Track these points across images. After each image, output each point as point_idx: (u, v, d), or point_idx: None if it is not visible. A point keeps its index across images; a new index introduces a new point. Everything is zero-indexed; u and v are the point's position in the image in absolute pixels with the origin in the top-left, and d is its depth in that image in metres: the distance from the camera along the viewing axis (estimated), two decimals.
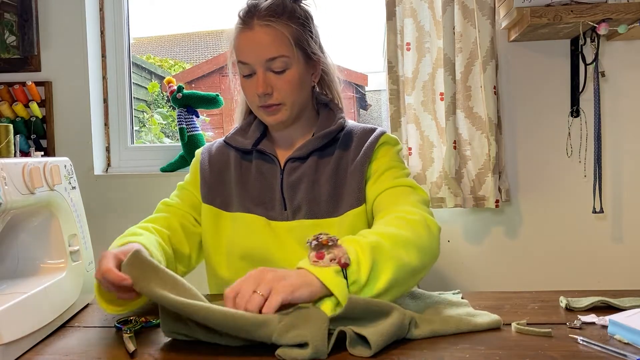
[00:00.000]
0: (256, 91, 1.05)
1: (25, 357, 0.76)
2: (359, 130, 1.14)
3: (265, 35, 1.03)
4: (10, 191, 0.79)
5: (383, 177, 1.07)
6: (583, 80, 1.78)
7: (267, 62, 1.04)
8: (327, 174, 1.09)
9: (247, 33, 1.05)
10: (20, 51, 1.91)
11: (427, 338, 0.78)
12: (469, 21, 1.70)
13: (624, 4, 1.56)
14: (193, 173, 1.18)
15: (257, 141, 1.14)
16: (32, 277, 0.91)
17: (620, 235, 1.82)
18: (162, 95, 2.27)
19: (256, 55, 1.04)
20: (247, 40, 1.05)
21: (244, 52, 1.05)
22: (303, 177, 1.09)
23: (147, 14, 2.12)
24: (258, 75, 1.05)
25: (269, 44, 1.03)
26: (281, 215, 1.09)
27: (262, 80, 1.04)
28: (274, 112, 1.07)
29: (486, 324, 0.81)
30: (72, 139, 1.94)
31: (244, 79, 1.08)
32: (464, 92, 1.72)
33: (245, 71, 1.07)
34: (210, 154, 1.19)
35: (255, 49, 1.04)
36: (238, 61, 1.07)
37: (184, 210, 1.14)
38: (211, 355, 0.74)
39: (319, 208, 1.07)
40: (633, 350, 0.72)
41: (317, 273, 0.76)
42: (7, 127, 1.02)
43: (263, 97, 1.05)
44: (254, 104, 1.08)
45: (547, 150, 1.83)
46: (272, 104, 1.06)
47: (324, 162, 1.11)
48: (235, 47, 1.08)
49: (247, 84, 1.08)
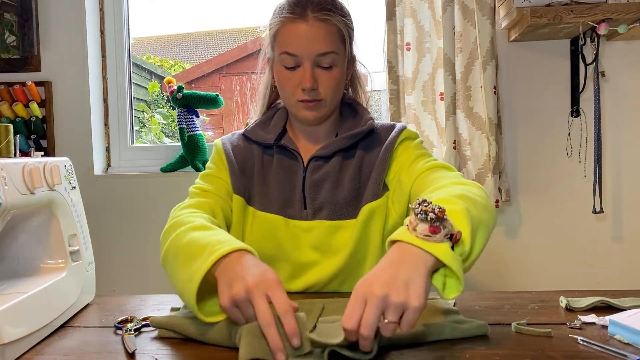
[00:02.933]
0: (302, 85, 1.02)
1: (25, 357, 0.76)
2: (380, 127, 1.12)
3: (320, 29, 1.01)
4: (10, 191, 0.79)
5: (415, 163, 1.04)
6: (583, 80, 1.78)
7: (317, 56, 1.01)
8: (350, 175, 1.07)
9: (300, 24, 1.01)
10: (20, 51, 1.91)
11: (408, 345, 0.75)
12: (469, 21, 1.70)
13: (624, 4, 1.56)
14: (219, 162, 1.12)
15: (279, 136, 1.11)
16: (32, 277, 0.91)
17: (620, 235, 1.82)
18: (162, 95, 2.27)
19: (307, 48, 1.01)
20: (299, 32, 1.01)
21: (294, 44, 1.01)
22: (327, 177, 1.07)
23: (147, 14, 2.12)
24: (305, 69, 1.02)
25: (322, 39, 1.01)
26: (300, 214, 1.06)
27: (310, 75, 1.01)
28: (313, 107, 1.05)
29: (471, 330, 0.78)
30: (72, 139, 1.94)
31: (286, 70, 1.03)
32: (464, 92, 1.72)
33: (289, 63, 1.02)
34: (232, 144, 1.14)
35: (308, 42, 1.01)
36: (283, 52, 1.02)
37: (220, 196, 1.07)
38: (211, 355, 0.74)
39: (341, 210, 1.06)
40: (633, 350, 0.72)
41: (435, 252, 0.67)
42: (7, 127, 1.02)
43: (308, 91, 1.03)
44: (293, 97, 1.05)
45: (547, 150, 1.83)
46: (314, 99, 1.04)
47: (347, 162, 1.09)
48: (282, 37, 1.03)
49: (289, 76, 1.03)
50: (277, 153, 1.11)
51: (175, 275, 0.85)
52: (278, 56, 1.04)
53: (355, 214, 1.05)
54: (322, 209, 1.06)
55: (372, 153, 1.09)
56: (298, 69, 1.02)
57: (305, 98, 1.03)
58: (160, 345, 0.79)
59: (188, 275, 0.78)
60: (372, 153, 1.09)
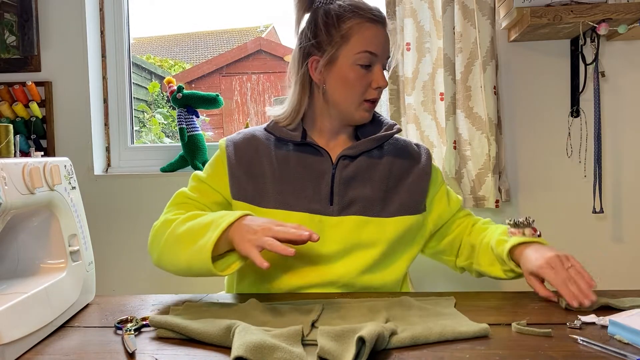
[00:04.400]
0: (379, 83, 1.09)
1: (25, 357, 0.76)
2: (404, 141, 1.23)
3: (388, 36, 1.13)
4: (10, 191, 0.79)
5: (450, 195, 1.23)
6: (583, 80, 1.78)
7: (387, 59, 1.13)
8: (380, 176, 1.13)
9: (379, 28, 1.10)
10: (20, 51, 1.92)
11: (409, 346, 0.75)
12: (469, 21, 1.70)
13: (624, 4, 1.56)
14: (218, 167, 1.14)
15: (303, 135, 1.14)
16: (32, 277, 0.91)
17: (620, 235, 1.82)
18: (162, 95, 2.27)
19: (384, 49, 1.11)
20: (380, 34, 1.10)
21: (376, 44, 1.09)
22: (356, 174, 1.12)
23: (147, 14, 2.12)
24: (378, 69, 1.10)
25: (388, 42, 1.13)
26: (325, 210, 1.08)
27: (383, 74, 1.10)
28: (372, 108, 1.13)
29: (472, 332, 0.78)
30: (72, 139, 1.94)
31: (361, 69, 1.08)
32: (464, 92, 1.72)
33: (367, 62, 1.08)
34: (236, 145, 1.15)
35: (385, 44, 1.11)
36: (365, 51, 1.08)
37: (203, 204, 1.12)
38: (211, 355, 0.74)
39: (371, 206, 1.09)
40: (633, 350, 0.72)
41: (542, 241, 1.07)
42: (7, 127, 1.02)
43: (379, 91, 1.11)
44: (362, 96, 1.10)
45: (547, 150, 1.83)
46: (377, 99, 1.12)
47: (373, 163, 1.14)
48: (362, 36, 1.08)
49: (363, 74, 1.09)
50: (297, 151, 1.13)
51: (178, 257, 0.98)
52: (354, 55, 1.08)
53: (382, 213, 1.10)
54: (351, 205, 1.09)
55: (401, 161, 1.17)
56: (372, 69, 1.10)
57: (374, 97, 1.11)
58: (160, 345, 0.79)
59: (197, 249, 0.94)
60: (402, 161, 1.17)
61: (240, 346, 0.68)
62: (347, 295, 1.01)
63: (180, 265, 0.99)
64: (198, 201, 1.12)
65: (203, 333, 0.78)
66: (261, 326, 0.79)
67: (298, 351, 0.69)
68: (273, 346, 0.69)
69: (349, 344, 0.70)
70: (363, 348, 0.69)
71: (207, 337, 0.78)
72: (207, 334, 0.78)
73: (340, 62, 1.08)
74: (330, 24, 1.08)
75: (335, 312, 0.88)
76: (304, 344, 0.73)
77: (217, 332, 0.77)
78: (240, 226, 0.93)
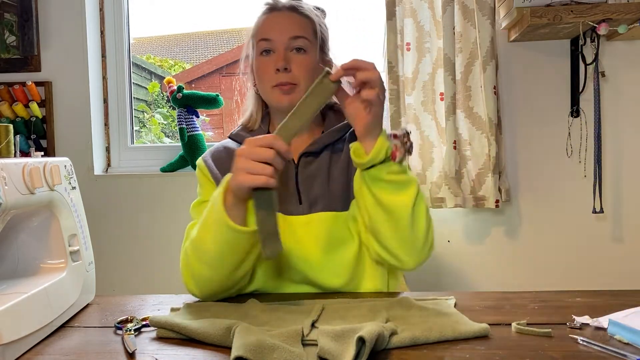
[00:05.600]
0: (276, 65, 1.07)
1: (25, 357, 0.76)
2: None
3: (291, 17, 1.11)
4: (10, 191, 0.79)
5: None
6: (583, 80, 1.78)
7: (290, 40, 1.09)
8: (340, 169, 1.11)
9: (273, 13, 1.11)
10: (20, 51, 1.92)
11: (409, 346, 0.75)
12: (469, 21, 1.70)
13: (624, 4, 1.56)
14: (206, 183, 1.14)
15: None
16: (32, 277, 0.91)
17: (620, 235, 1.82)
18: (162, 95, 2.27)
19: (280, 31, 1.09)
20: (273, 19, 1.11)
21: (268, 29, 1.10)
22: (319, 171, 1.11)
23: (147, 14, 2.12)
24: (279, 51, 1.08)
25: (293, 24, 1.10)
26: (297, 209, 1.08)
27: (282, 55, 1.08)
28: (288, 91, 1.09)
29: (472, 332, 0.78)
30: (72, 139, 1.94)
31: (261, 56, 1.10)
32: (464, 92, 1.72)
33: (265, 47, 1.09)
34: (213, 157, 1.16)
35: (281, 26, 1.10)
36: (260, 39, 1.09)
37: None
38: (211, 355, 0.74)
39: (335, 201, 1.09)
40: (633, 350, 0.72)
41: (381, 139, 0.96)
42: (7, 127, 1.02)
43: (282, 73, 1.08)
44: (270, 83, 1.09)
45: (547, 150, 1.83)
46: (287, 82, 1.08)
47: (336, 157, 1.13)
48: (259, 27, 1.11)
49: (265, 61, 1.09)
50: None
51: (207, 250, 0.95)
52: (256, 46, 1.10)
53: (347, 207, 1.08)
54: (317, 201, 1.08)
55: None
56: (272, 54, 1.09)
57: (280, 81, 1.08)
58: (160, 345, 0.79)
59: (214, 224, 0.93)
60: None
61: (240, 346, 0.68)
62: (347, 295, 1.01)
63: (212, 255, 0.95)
64: None
65: (203, 333, 0.78)
66: (261, 326, 0.79)
67: (298, 351, 0.69)
68: (273, 346, 0.69)
69: (349, 344, 0.70)
70: (363, 348, 0.69)
71: (207, 337, 0.78)
72: (207, 334, 0.78)
73: (253, 58, 1.12)
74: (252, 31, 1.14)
75: (335, 312, 0.88)
76: (304, 344, 0.73)
77: (217, 332, 0.77)
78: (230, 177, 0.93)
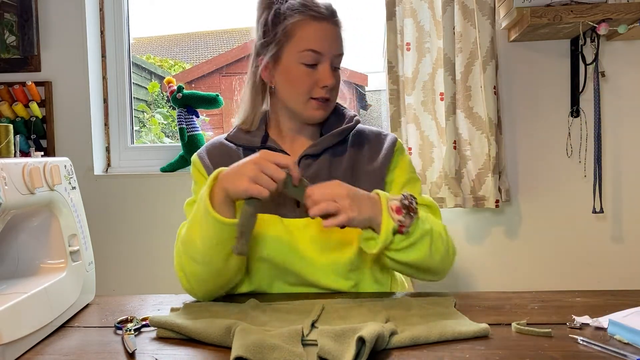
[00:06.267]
0: (324, 82, 1.05)
1: (25, 357, 0.76)
2: (369, 132, 1.17)
3: (336, 31, 1.08)
4: (10, 191, 0.79)
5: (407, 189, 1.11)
6: (583, 80, 1.78)
7: (335, 57, 1.07)
8: (342, 172, 1.09)
9: (323, 24, 1.06)
10: (20, 51, 1.92)
11: (409, 346, 0.75)
12: (469, 21, 1.70)
13: (624, 4, 1.56)
14: (200, 180, 1.12)
15: (263, 139, 1.12)
16: (32, 277, 0.91)
17: (620, 235, 1.82)
18: (162, 95, 2.27)
19: (330, 46, 1.06)
20: (323, 31, 1.06)
21: (319, 41, 1.05)
22: (319, 173, 1.09)
23: (147, 14, 2.12)
24: (325, 67, 1.05)
25: (338, 39, 1.08)
26: (293, 213, 1.07)
27: (331, 73, 1.06)
28: (324, 106, 1.09)
29: (472, 332, 0.78)
30: (72, 139, 1.94)
31: (303, 66, 1.05)
32: (464, 92, 1.72)
33: (311, 60, 1.05)
34: (208, 153, 1.14)
35: (330, 41, 1.06)
36: (307, 49, 1.04)
37: None
38: (211, 355, 0.74)
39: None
40: (633, 350, 0.72)
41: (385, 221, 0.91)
42: (7, 127, 1.02)
43: (328, 89, 1.07)
44: (307, 94, 1.07)
45: (547, 150, 1.83)
46: (327, 97, 1.08)
47: (336, 160, 1.11)
48: (305, 34, 1.05)
49: (308, 73, 1.05)
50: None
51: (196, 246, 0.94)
52: (298, 53, 1.05)
53: None
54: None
55: (363, 154, 1.12)
56: (317, 67, 1.06)
57: (322, 96, 1.07)
58: (160, 345, 0.79)
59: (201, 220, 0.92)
60: (364, 154, 1.12)
61: (240, 346, 0.68)
62: (347, 295, 1.01)
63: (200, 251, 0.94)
64: None
65: (203, 333, 0.78)
66: (261, 326, 0.79)
67: (298, 351, 0.69)
68: (273, 346, 0.69)
69: (349, 344, 0.70)
70: (363, 348, 0.69)
71: (207, 337, 0.78)
72: (207, 334, 0.78)
73: (285, 60, 1.07)
74: (276, 22, 1.06)
75: (335, 312, 0.88)
76: (304, 344, 0.73)
77: (217, 332, 0.77)
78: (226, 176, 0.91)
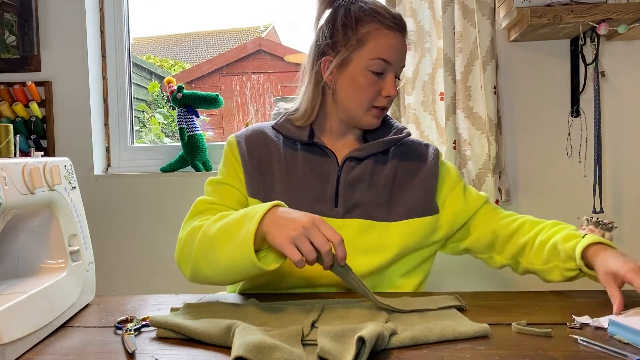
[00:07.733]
0: (389, 92, 1.08)
1: (25, 357, 0.76)
2: (411, 142, 1.20)
3: (405, 44, 1.12)
4: (10, 191, 0.79)
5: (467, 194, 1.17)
6: (583, 80, 1.78)
7: (400, 68, 1.12)
8: (386, 179, 1.11)
9: (397, 36, 1.09)
10: (20, 51, 1.92)
11: (409, 346, 0.75)
12: (469, 21, 1.70)
13: (624, 4, 1.56)
14: (232, 164, 1.11)
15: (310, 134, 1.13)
16: (32, 277, 0.91)
17: (620, 235, 1.82)
18: (162, 95, 2.27)
19: (399, 58, 1.10)
20: (396, 41, 1.09)
21: (391, 51, 1.08)
22: (362, 177, 1.10)
23: (147, 14, 2.12)
24: (391, 77, 1.08)
25: (405, 52, 1.12)
26: (330, 212, 1.07)
27: (395, 84, 1.09)
28: (381, 115, 1.12)
29: (472, 332, 0.78)
30: (72, 139, 1.94)
31: (371, 73, 1.07)
32: (464, 92, 1.72)
33: (380, 69, 1.07)
34: (247, 140, 1.13)
35: (400, 53, 1.10)
36: (378, 57, 1.06)
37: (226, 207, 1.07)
38: (211, 355, 0.75)
39: (375, 210, 1.08)
40: (633, 350, 0.72)
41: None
42: (7, 127, 1.02)
43: (388, 99, 1.10)
44: (370, 102, 1.09)
45: (547, 150, 1.83)
46: (386, 107, 1.11)
47: (379, 166, 1.12)
48: (379, 42, 1.07)
49: (375, 81, 1.08)
50: (303, 150, 1.12)
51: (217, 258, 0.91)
52: (367, 60, 1.06)
53: (388, 218, 1.08)
54: (356, 207, 1.08)
55: (407, 163, 1.15)
56: (383, 76, 1.08)
57: (383, 105, 1.10)
58: (160, 345, 0.79)
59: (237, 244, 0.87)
60: (408, 163, 1.15)
61: (240, 346, 0.68)
62: (347, 295, 1.01)
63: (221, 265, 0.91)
64: (220, 204, 1.07)
65: (203, 333, 0.78)
66: (261, 326, 0.79)
67: (298, 351, 0.69)
68: (273, 346, 0.69)
69: (349, 344, 0.70)
70: (363, 348, 0.69)
71: (207, 337, 0.78)
72: (207, 334, 0.78)
73: (353, 65, 1.07)
74: (348, 25, 1.07)
75: (335, 312, 0.88)
76: (304, 344, 0.73)
77: (217, 332, 0.77)
78: (275, 217, 0.87)
